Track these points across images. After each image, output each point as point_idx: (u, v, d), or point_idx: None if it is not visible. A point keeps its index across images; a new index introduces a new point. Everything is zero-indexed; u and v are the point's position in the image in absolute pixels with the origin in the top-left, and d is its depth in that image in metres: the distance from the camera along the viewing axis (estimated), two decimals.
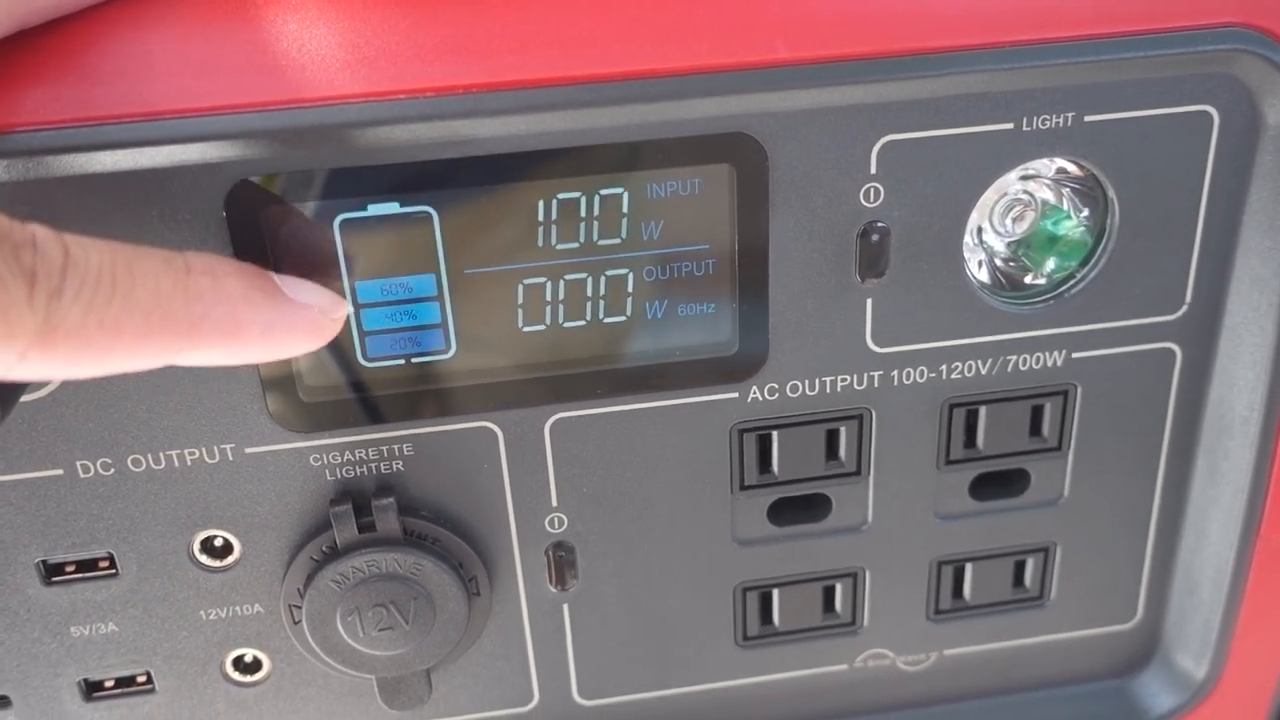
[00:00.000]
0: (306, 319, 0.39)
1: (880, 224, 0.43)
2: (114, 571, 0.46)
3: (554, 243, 0.42)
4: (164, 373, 0.42)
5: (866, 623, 0.53)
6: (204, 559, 0.46)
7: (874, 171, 0.42)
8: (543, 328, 0.44)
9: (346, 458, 0.45)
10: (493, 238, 0.42)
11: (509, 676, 0.51)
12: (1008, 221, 0.45)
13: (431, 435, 0.45)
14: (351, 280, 0.42)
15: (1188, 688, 0.55)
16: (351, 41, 0.38)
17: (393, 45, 0.38)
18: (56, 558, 0.46)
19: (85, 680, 0.48)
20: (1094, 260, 0.46)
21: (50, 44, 0.37)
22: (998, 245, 0.46)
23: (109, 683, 0.49)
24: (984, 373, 0.47)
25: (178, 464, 0.44)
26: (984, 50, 0.40)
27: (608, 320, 0.44)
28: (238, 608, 0.47)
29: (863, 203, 0.43)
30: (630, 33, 0.39)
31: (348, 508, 0.45)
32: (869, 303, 0.45)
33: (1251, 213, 0.45)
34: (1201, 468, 0.50)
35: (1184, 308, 0.47)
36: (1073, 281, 0.46)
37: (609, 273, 0.43)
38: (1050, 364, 0.47)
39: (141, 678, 0.49)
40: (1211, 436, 0.50)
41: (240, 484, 0.45)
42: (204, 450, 0.44)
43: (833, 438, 0.48)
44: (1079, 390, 0.48)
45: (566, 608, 0.50)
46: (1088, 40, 0.41)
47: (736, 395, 0.46)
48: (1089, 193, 0.45)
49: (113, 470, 0.44)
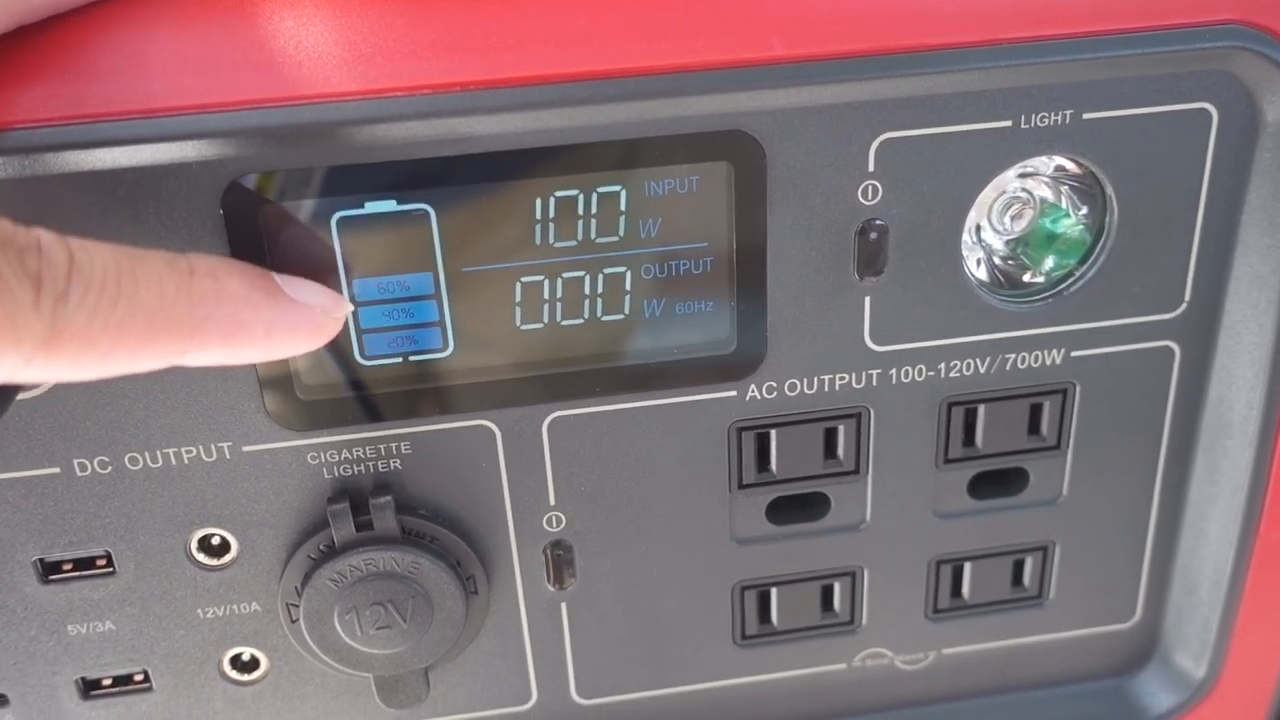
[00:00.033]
0: (308, 319, 0.39)
1: (878, 222, 0.43)
2: (111, 570, 0.46)
3: (552, 241, 0.42)
4: (161, 371, 0.42)
5: (865, 622, 0.53)
6: (201, 557, 0.46)
7: (872, 169, 0.42)
8: (541, 326, 0.43)
9: (344, 456, 0.45)
10: (490, 236, 0.42)
11: (507, 675, 0.51)
12: (1006, 219, 0.45)
13: (429, 434, 0.45)
14: (349, 278, 0.41)
15: (1187, 687, 0.55)
16: (348, 38, 0.38)
17: (390, 42, 0.38)
18: (54, 556, 0.46)
19: (83, 679, 0.48)
20: (1093, 258, 0.46)
21: (47, 41, 0.37)
22: (996, 243, 0.46)
23: (106, 681, 0.49)
24: (983, 371, 0.47)
25: (175, 462, 0.44)
26: (982, 47, 0.40)
27: (606, 318, 0.44)
28: (235, 606, 0.47)
29: (861, 201, 0.43)
30: (627, 30, 0.39)
31: (345, 506, 0.45)
32: (867, 301, 0.45)
33: (1250, 210, 0.45)
34: (1200, 466, 0.50)
35: (1183, 306, 0.47)
36: (1071, 280, 0.46)
37: (607, 271, 0.43)
38: (1049, 362, 0.47)
39: (139, 676, 0.49)
40: (1210, 435, 0.50)
41: (238, 482, 0.45)
42: (201, 448, 0.44)
43: (831, 436, 0.48)
44: (1078, 389, 0.48)
45: (564, 606, 0.50)
46: (1086, 37, 0.40)
47: (735, 394, 0.46)
48: (1087, 190, 0.45)
49: (110, 468, 0.44)
